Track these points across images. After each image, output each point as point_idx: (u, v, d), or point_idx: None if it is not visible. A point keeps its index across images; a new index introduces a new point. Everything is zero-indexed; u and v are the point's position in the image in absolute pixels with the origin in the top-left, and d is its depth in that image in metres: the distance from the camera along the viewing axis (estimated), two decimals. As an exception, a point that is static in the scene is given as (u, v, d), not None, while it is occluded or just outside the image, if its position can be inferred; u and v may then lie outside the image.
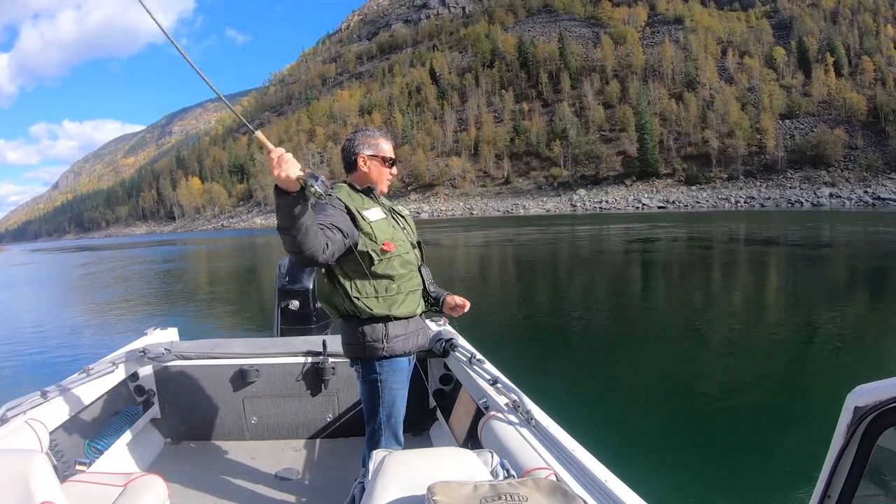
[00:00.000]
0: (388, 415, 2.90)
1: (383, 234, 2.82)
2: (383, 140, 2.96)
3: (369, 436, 2.95)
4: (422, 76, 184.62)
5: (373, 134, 2.97)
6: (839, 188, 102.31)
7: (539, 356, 9.23)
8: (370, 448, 2.87)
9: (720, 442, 6.03)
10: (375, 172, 2.92)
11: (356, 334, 2.82)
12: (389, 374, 2.87)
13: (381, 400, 2.87)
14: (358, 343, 2.82)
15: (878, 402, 1.22)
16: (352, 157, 2.92)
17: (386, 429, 2.91)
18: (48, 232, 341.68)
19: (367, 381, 2.88)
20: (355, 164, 2.91)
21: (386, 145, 2.95)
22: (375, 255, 2.76)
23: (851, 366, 8.05)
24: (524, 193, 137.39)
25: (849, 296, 14.36)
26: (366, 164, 2.90)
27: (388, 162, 2.96)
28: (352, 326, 2.83)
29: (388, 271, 2.81)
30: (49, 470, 1.99)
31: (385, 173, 2.96)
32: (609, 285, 18.94)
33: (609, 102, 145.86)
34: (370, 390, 2.88)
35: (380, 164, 2.93)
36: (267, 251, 45.20)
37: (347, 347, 2.91)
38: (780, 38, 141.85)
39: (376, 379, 2.85)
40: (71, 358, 11.28)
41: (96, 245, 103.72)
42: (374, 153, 2.91)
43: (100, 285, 28.55)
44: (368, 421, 2.94)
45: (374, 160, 2.91)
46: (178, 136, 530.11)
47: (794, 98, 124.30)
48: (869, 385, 1.25)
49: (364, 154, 2.89)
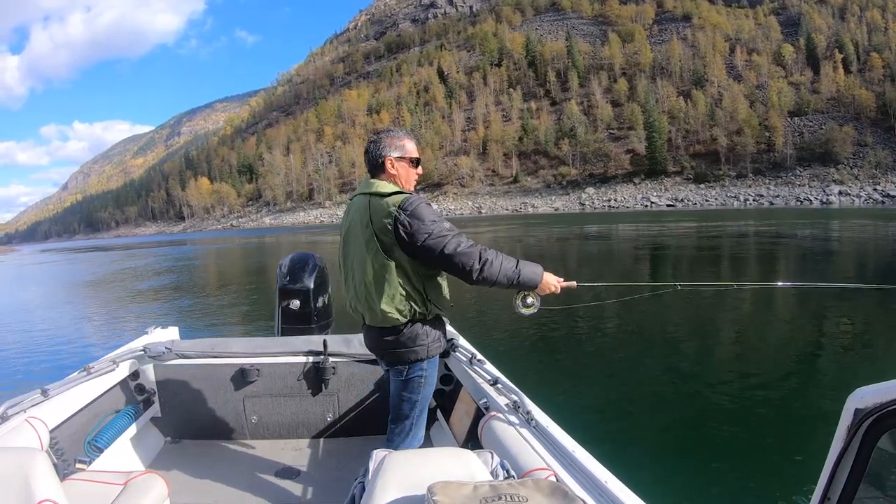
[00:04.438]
0: (422, 409, 2.97)
1: None
2: (408, 140, 2.98)
3: (399, 431, 2.97)
4: (430, 75, 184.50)
5: (397, 135, 2.98)
6: (848, 186, 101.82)
7: (539, 356, 9.22)
8: (397, 444, 2.93)
9: (720, 443, 6.00)
10: (404, 174, 2.94)
11: (418, 336, 2.83)
12: (431, 370, 2.94)
13: (421, 396, 2.93)
14: (421, 344, 2.84)
15: (878, 404, 1.22)
16: (379, 159, 2.91)
17: (419, 423, 2.97)
18: (58, 232, 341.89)
19: (410, 380, 2.91)
20: (383, 167, 2.91)
21: (411, 145, 2.98)
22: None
23: (852, 367, 8.01)
24: (533, 192, 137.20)
25: (852, 295, 14.26)
26: (393, 166, 2.90)
27: (415, 162, 2.99)
28: (414, 329, 2.83)
29: (437, 274, 2.88)
30: (49, 468, 1.98)
31: (412, 174, 2.99)
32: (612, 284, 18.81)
33: (617, 101, 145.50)
34: (413, 388, 2.91)
35: (407, 165, 2.95)
36: (274, 250, 45.28)
37: (405, 352, 2.87)
38: (789, 35, 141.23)
39: (421, 376, 2.90)
40: (71, 356, 11.35)
41: (105, 245, 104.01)
42: (402, 155, 2.92)
43: (101, 285, 28.66)
44: (402, 418, 2.96)
45: (402, 161, 2.93)
46: (187, 136, 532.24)
47: (802, 95, 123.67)
48: (869, 387, 1.25)
49: (391, 157, 2.90)
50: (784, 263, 21.93)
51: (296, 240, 64.44)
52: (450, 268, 2.70)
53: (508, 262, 2.73)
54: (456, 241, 2.64)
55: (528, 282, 2.81)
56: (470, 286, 2.76)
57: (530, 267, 2.81)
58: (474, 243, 2.68)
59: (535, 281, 2.82)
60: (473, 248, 2.66)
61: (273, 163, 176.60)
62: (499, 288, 2.78)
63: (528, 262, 2.82)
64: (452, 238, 2.64)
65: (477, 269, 2.64)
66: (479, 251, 2.65)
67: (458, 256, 2.63)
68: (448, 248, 2.62)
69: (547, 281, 2.85)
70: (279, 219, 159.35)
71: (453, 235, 2.65)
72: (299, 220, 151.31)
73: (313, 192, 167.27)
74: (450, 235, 2.64)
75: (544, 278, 2.84)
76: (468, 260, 2.63)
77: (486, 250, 2.68)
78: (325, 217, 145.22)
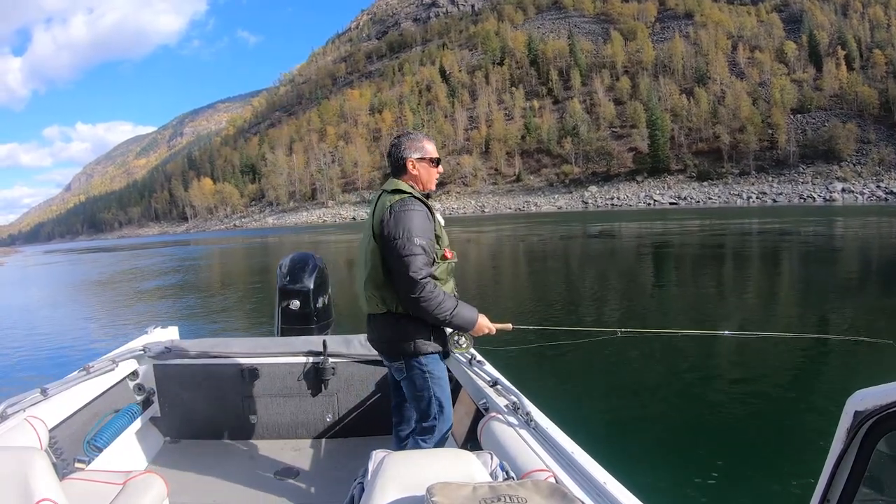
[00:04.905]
0: (441, 406, 3.05)
1: (445, 241, 3.03)
2: (428, 142, 3.10)
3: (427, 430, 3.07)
4: (432, 74, 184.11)
5: (417, 137, 3.09)
6: (852, 183, 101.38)
7: (539, 357, 9.21)
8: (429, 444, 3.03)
9: (719, 445, 6.00)
10: (425, 174, 3.07)
11: (412, 330, 2.93)
12: (433, 366, 3.03)
13: (433, 391, 3.01)
14: (415, 339, 2.94)
15: (877, 406, 1.22)
16: (400, 161, 3.03)
17: (442, 419, 3.06)
18: (61, 233, 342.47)
19: (413, 377, 3.01)
20: (405, 168, 3.03)
21: (431, 147, 3.10)
22: (436, 258, 2.94)
23: (852, 370, 7.99)
24: (535, 191, 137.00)
25: (852, 295, 14.24)
26: (415, 167, 3.03)
27: (435, 162, 3.10)
28: (409, 323, 2.92)
29: (440, 276, 2.94)
30: (48, 467, 1.98)
31: (433, 173, 3.12)
32: (613, 283, 18.89)
33: (619, 99, 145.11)
34: (419, 385, 3.01)
35: (428, 166, 3.08)
36: (277, 250, 45.27)
37: (399, 344, 2.98)
38: (791, 32, 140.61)
39: (423, 370, 2.98)
40: (71, 355, 11.42)
41: (108, 246, 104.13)
42: (422, 156, 3.05)
43: (101, 285, 28.78)
44: (428, 417, 3.05)
45: (423, 162, 3.05)
46: (190, 136, 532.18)
47: (805, 92, 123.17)
48: (869, 390, 1.25)
49: (412, 158, 3.02)
50: (787, 264, 21.93)
51: (299, 240, 64.46)
52: (396, 279, 2.81)
53: (448, 303, 2.82)
54: (415, 266, 2.72)
55: (462, 325, 2.94)
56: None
57: (466, 311, 2.91)
58: (429, 280, 2.77)
59: (470, 325, 2.95)
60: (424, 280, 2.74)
61: (276, 163, 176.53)
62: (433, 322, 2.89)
63: (466, 305, 2.93)
64: (414, 259, 2.73)
65: (413, 298, 2.76)
66: (425, 284, 2.74)
67: (407, 277, 2.72)
68: (403, 263, 2.73)
69: (481, 324, 2.98)
70: (282, 219, 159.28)
71: (417, 258, 2.73)
72: (302, 220, 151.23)
73: (316, 191, 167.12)
74: (413, 256, 2.73)
75: (479, 322, 2.96)
76: (412, 285, 2.73)
77: (434, 289, 2.79)
78: (329, 217, 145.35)
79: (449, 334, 3.05)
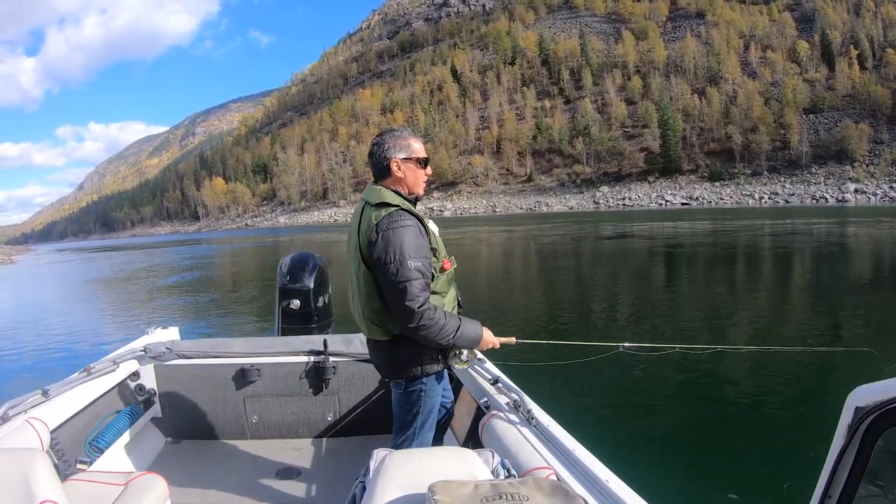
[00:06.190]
0: (425, 422, 2.88)
1: (442, 252, 2.77)
2: (413, 140, 2.78)
3: (402, 442, 2.91)
4: (443, 74, 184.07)
5: (401, 134, 2.78)
6: (864, 184, 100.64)
7: (539, 355, 9.23)
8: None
9: (721, 442, 6.01)
10: (412, 176, 2.75)
11: (411, 354, 2.71)
12: (432, 384, 2.85)
13: (423, 409, 2.84)
14: (416, 363, 2.73)
15: (878, 402, 1.22)
16: (384, 162, 2.72)
17: (422, 435, 2.88)
18: (74, 232, 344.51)
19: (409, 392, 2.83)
20: (389, 170, 2.72)
21: (417, 145, 2.77)
22: (434, 272, 2.67)
23: (852, 366, 7.95)
24: (547, 191, 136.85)
25: (855, 295, 14.17)
26: (400, 168, 2.71)
27: (423, 162, 2.78)
28: (407, 347, 2.68)
29: (440, 289, 2.73)
30: (50, 469, 1.99)
31: (421, 175, 2.79)
32: (616, 283, 18.92)
33: (631, 99, 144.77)
34: (412, 401, 2.84)
35: (415, 167, 2.75)
36: (287, 250, 45.23)
37: (399, 368, 2.78)
38: (803, 31, 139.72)
39: (421, 390, 2.82)
40: (72, 356, 11.44)
41: (120, 245, 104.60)
42: (408, 156, 2.73)
43: (106, 284, 28.96)
44: (404, 428, 2.90)
45: (409, 163, 2.73)
46: (202, 136, 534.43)
47: (817, 92, 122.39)
48: (870, 385, 1.25)
49: (397, 158, 2.71)
50: (799, 267, 21.85)
51: (310, 239, 64.59)
52: (392, 307, 2.56)
53: (450, 326, 2.59)
54: (411, 293, 2.47)
55: (466, 344, 2.74)
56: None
57: (470, 329, 2.70)
58: (427, 308, 2.51)
59: (474, 343, 2.75)
60: (422, 308, 2.49)
61: (287, 162, 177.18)
62: (436, 347, 2.68)
63: (469, 321, 2.72)
64: (410, 286, 2.47)
65: (412, 328, 2.52)
66: (423, 312, 2.49)
67: (403, 307, 2.49)
68: (398, 291, 2.48)
69: (486, 340, 2.79)
70: (294, 218, 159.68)
71: (413, 285, 2.48)
72: (314, 219, 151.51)
73: (328, 191, 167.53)
74: (409, 283, 2.47)
75: (483, 338, 2.78)
76: (409, 315, 2.49)
77: (434, 314, 2.54)
78: (340, 216, 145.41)
79: (450, 350, 2.78)
